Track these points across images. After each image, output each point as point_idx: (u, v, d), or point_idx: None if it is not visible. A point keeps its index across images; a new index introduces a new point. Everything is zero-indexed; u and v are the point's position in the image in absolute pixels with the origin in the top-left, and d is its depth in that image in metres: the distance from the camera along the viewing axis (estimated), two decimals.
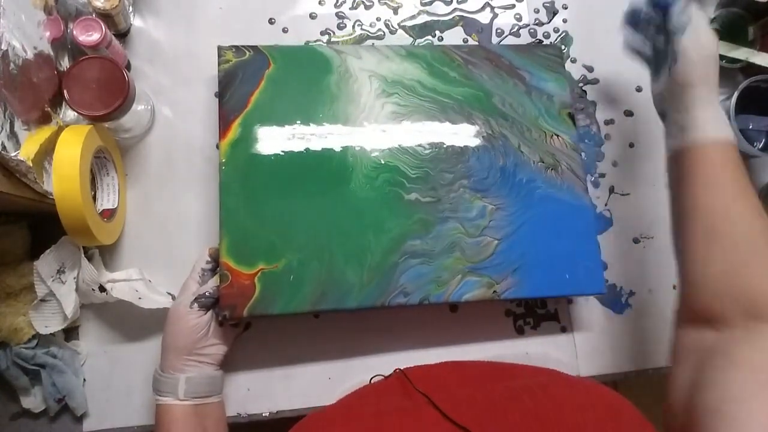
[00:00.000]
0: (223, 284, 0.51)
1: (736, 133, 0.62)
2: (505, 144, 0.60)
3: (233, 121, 0.56)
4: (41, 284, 0.54)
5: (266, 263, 0.52)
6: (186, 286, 0.53)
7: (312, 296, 0.52)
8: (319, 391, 0.58)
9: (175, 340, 0.50)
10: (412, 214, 0.56)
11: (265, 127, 0.56)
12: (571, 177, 0.60)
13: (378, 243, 0.54)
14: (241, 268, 0.52)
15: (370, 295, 0.53)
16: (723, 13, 0.69)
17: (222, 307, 0.51)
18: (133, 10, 0.64)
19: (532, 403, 0.42)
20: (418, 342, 0.60)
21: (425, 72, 0.61)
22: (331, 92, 0.58)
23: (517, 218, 0.57)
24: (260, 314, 0.51)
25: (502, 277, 0.55)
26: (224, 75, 0.57)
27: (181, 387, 0.49)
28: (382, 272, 0.54)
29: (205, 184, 0.61)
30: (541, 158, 0.60)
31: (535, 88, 0.62)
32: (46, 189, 0.49)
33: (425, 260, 0.55)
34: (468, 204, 0.57)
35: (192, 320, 0.50)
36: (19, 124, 0.47)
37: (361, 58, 0.60)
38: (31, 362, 0.54)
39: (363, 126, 0.58)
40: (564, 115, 0.62)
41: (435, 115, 0.60)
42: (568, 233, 0.58)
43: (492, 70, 0.62)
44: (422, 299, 0.54)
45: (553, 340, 0.63)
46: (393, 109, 0.59)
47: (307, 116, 0.57)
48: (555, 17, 0.71)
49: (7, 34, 0.45)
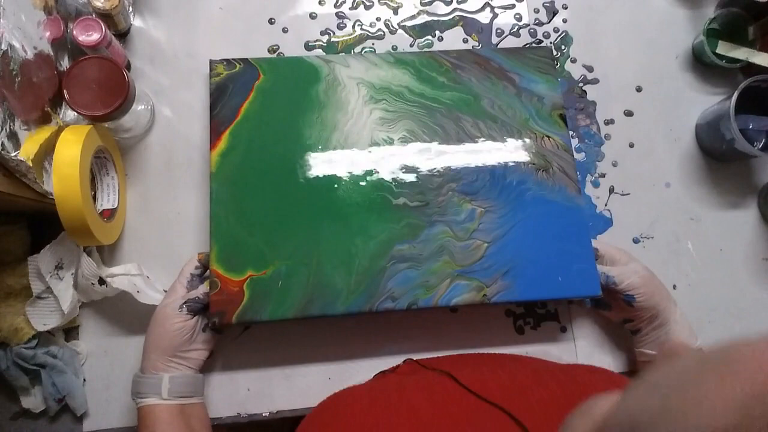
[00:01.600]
0: (213, 291, 0.52)
1: (735, 133, 0.62)
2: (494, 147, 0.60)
3: (223, 132, 0.56)
4: (37, 280, 0.54)
5: (255, 270, 0.53)
6: (173, 289, 0.53)
7: (300, 302, 0.53)
8: (319, 391, 0.58)
9: (160, 341, 0.50)
10: (400, 218, 0.56)
11: (254, 137, 0.57)
12: (563, 178, 0.60)
13: (365, 248, 0.55)
14: (230, 275, 0.53)
15: (357, 300, 0.53)
16: (723, 13, 0.69)
17: (211, 314, 0.51)
18: (133, 10, 0.64)
19: (556, 385, 0.42)
20: (419, 342, 0.60)
21: (413, 78, 0.61)
22: (320, 100, 0.59)
23: (508, 221, 0.57)
24: (249, 321, 0.52)
25: (492, 280, 0.55)
26: (215, 88, 0.58)
27: (164, 386, 0.49)
28: (370, 277, 0.54)
29: (205, 183, 0.61)
30: (531, 160, 0.60)
31: (526, 90, 0.62)
32: (46, 189, 0.49)
33: (413, 265, 0.55)
34: (457, 207, 0.57)
35: (178, 323, 0.51)
36: (19, 124, 0.47)
37: (350, 66, 0.61)
38: (31, 362, 0.54)
39: (351, 132, 0.58)
40: (555, 116, 0.62)
41: (423, 119, 0.60)
42: (560, 235, 0.58)
43: (481, 74, 0.62)
44: (410, 304, 0.54)
45: (553, 340, 0.63)
46: (381, 115, 0.59)
47: (296, 125, 0.58)
48: (555, 17, 0.71)
49: (7, 34, 0.45)
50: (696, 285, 0.66)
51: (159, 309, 0.52)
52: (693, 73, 0.72)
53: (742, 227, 0.68)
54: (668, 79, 0.71)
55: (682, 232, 0.67)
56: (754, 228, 0.68)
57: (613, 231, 0.66)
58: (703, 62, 0.71)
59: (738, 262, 0.67)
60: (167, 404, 0.49)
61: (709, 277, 0.66)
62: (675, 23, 0.73)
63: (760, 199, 0.69)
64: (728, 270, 0.67)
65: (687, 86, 0.71)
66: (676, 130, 0.70)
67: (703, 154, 0.70)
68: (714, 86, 0.71)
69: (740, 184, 0.69)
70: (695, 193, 0.68)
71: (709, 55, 0.68)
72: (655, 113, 0.70)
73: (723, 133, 0.64)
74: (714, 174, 0.69)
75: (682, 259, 0.66)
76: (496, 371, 0.47)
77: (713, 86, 0.71)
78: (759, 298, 0.66)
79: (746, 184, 0.69)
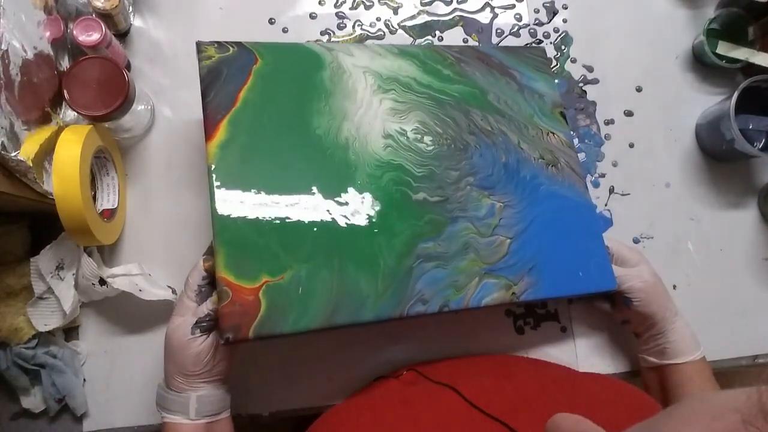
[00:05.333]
0: (223, 302, 0.45)
1: (735, 133, 0.62)
2: (505, 140, 0.59)
3: (221, 121, 0.50)
4: (39, 281, 0.54)
5: (270, 275, 0.46)
6: (181, 306, 0.48)
7: (325, 310, 0.47)
8: (319, 391, 0.58)
9: (181, 368, 0.47)
10: (422, 214, 0.53)
11: (257, 127, 0.51)
12: (571, 174, 0.60)
13: (390, 247, 0.50)
14: (242, 282, 0.46)
15: (386, 305, 0.48)
16: (723, 13, 0.69)
17: (224, 329, 0.44)
18: (133, 10, 0.64)
19: (563, 396, 0.42)
20: (419, 342, 0.60)
21: (419, 69, 0.59)
22: (326, 87, 0.55)
23: (526, 216, 0.56)
24: (268, 334, 0.45)
25: (519, 277, 0.53)
26: (207, 72, 0.52)
27: (192, 406, 0.46)
28: (398, 279, 0.49)
29: (205, 183, 0.61)
30: (540, 155, 0.59)
31: (527, 86, 0.62)
32: (46, 189, 0.49)
33: (440, 264, 0.51)
34: (476, 202, 0.55)
35: (197, 347, 0.46)
36: (19, 124, 0.47)
37: (353, 55, 0.58)
38: (31, 362, 0.54)
39: (362, 122, 0.55)
40: (557, 113, 0.62)
41: (434, 111, 0.58)
42: (575, 230, 0.57)
43: (484, 69, 0.62)
44: (442, 306, 0.50)
45: (553, 340, 0.63)
46: (391, 105, 0.56)
47: (302, 113, 0.53)
48: (555, 17, 0.71)
49: (7, 34, 0.45)
50: (696, 285, 0.66)
51: (170, 332, 0.47)
52: (693, 73, 0.72)
53: (742, 227, 0.68)
54: (668, 79, 0.71)
55: (682, 232, 0.67)
56: (754, 228, 0.68)
57: (613, 231, 0.66)
58: (703, 62, 0.71)
59: (738, 262, 0.67)
60: (194, 423, 0.47)
61: (709, 277, 0.66)
62: (675, 23, 0.73)
63: (760, 199, 0.69)
64: (728, 270, 0.67)
65: (687, 86, 0.71)
66: (676, 130, 0.70)
67: (703, 154, 0.70)
68: (714, 86, 0.71)
69: (740, 184, 0.69)
70: (695, 193, 0.68)
71: (709, 55, 0.68)
72: (655, 113, 0.70)
73: (723, 133, 0.64)
74: (714, 174, 0.69)
75: (682, 259, 0.66)
76: (500, 383, 0.46)
77: (713, 86, 0.71)
78: (759, 298, 0.66)
79: (746, 184, 0.69)
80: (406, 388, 0.48)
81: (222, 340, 0.44)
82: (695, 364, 0.55)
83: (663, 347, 0.55)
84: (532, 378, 0.49)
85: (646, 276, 0.56)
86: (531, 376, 0.50)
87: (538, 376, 0.50)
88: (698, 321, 0.64)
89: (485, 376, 0.52)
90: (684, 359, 0.54)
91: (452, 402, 0.43)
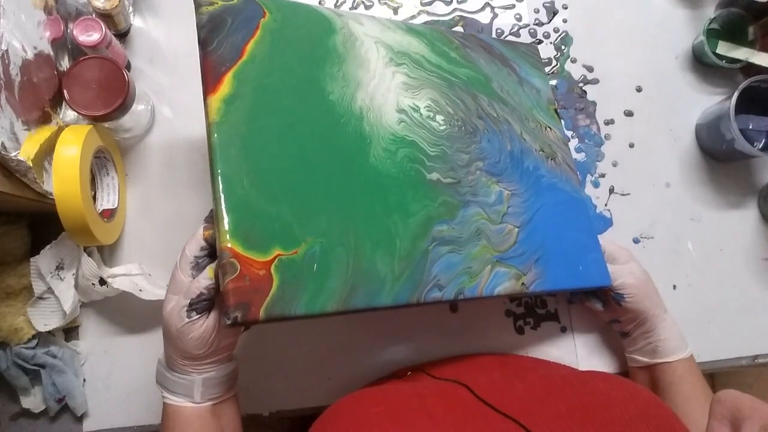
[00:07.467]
0: (230, 277, 0.39)
1: (735, 133, 0.62)
2: (509, 129, 0.58)
3: (225, 73, 0.45)
4: (39, 281, 0.54)
5: (283, 249, 0.41)
6: (175, 282, 0.43)
7: (341, 292, 0.43)
8: (319, 391, 0.58)
9: (185, 352, 0.43)
10: (436, 195, 0.50)
11: (266, 84, 0.47)
12: (567, 170, 0.60)
13: (405, 227, 0.47)
14: (252, 254, 0.40)
15: (403, 289, 0.45)
16: (723, 13, 0.69)
17: (231, 307, 0.39)
18: (133, 10, 0.64)
19: (574, 395, 0.41)
20: (419, 342, 0.60)
21: (428, 48, 0.58)
22: (339, 52, 0.52)
23: (531, 205, 0.55)
24: (280, 316, 0.40)
25: (527, 268, 0.52)
26: (208, 18, 0.46)
27: (197, 390, 0.44)
28: (414, 261, 0.47)
29: (206, 183, 0.61)
30: (540, 147, 0.59)
31: (525, 80, 0.63)
32: (46, 189, 0.49)
33: (454, 248, 0.49)
34: (486, 188, 0.54)
35: (197, 331, 0.42)
36: (19, 124, 0.47)
37: (363, 24, 0.55)
38: (31, 362, 0.54)
39: (376, 93, 0.52)
40: (551, 110, 0.62)
41: (444, 91, 0.56)
42: (573, 224, 0.57)
43: (488, 57, 0.62)
44: (457, 293, 0.48)
45: (553, 340, 0.63)
46: (403, 79, 0.54)
47: (315, 76, 0.49)
48: (555, 17, 0.71)
49: (7, 34, 0.45)
50: (696, 285, 0.66)
51: (166, 315, 0.43)
52: (693, 73, 0.72)
53: (742, 227, 0.68)
54: (668, 79, 0.71)
55: (682, 232, 0.67)
56: (754, 228, 0.68)
57: (613, 231, 0.66)
58: (703, 62, 0.71)
59: (738, 262, 0.67)
60: (199, 407, 0.44)
61: (709, 277, 0.66)
62: (675, 23, 0.73)
63: (760, 199, 0.69)
64: (728, 270, 0.67)
65: (687, 86, 0.71)
66: (676, 130, 0.70)
67: (703, 154, 0.70)
68: (714, 86, 0.71)
69: (740, 184, 0.69)
70: (695, 193, 0.68)
71: (709, 55, 0.68)
72: (655, 113, 0.70)
73: (723, 133, 0.64)
74: (714, 174, 0.69)
75: (682, 259, 0.66)
76: (511, 381, 0.46)
77: (713, 86, 0.71)
78: (759, 298, 0.66)
79: (746, 184, 0.69)
80: (417, 384, 0.48)
81: (228, 321, 0.38)
82: (686, 363, 0.55)
83: (654, 345, 0.55)
84: (542, 376, 0.48)
85: (638, 272, 0.56)
86: (540, 375, 0.50)
87: (547, 374, 0.50)
88: (698, 321, 0.64)
89: (494, 374, 0.52)
90: (675, 357, 0.54)
91: (464, 398, 0.43)
